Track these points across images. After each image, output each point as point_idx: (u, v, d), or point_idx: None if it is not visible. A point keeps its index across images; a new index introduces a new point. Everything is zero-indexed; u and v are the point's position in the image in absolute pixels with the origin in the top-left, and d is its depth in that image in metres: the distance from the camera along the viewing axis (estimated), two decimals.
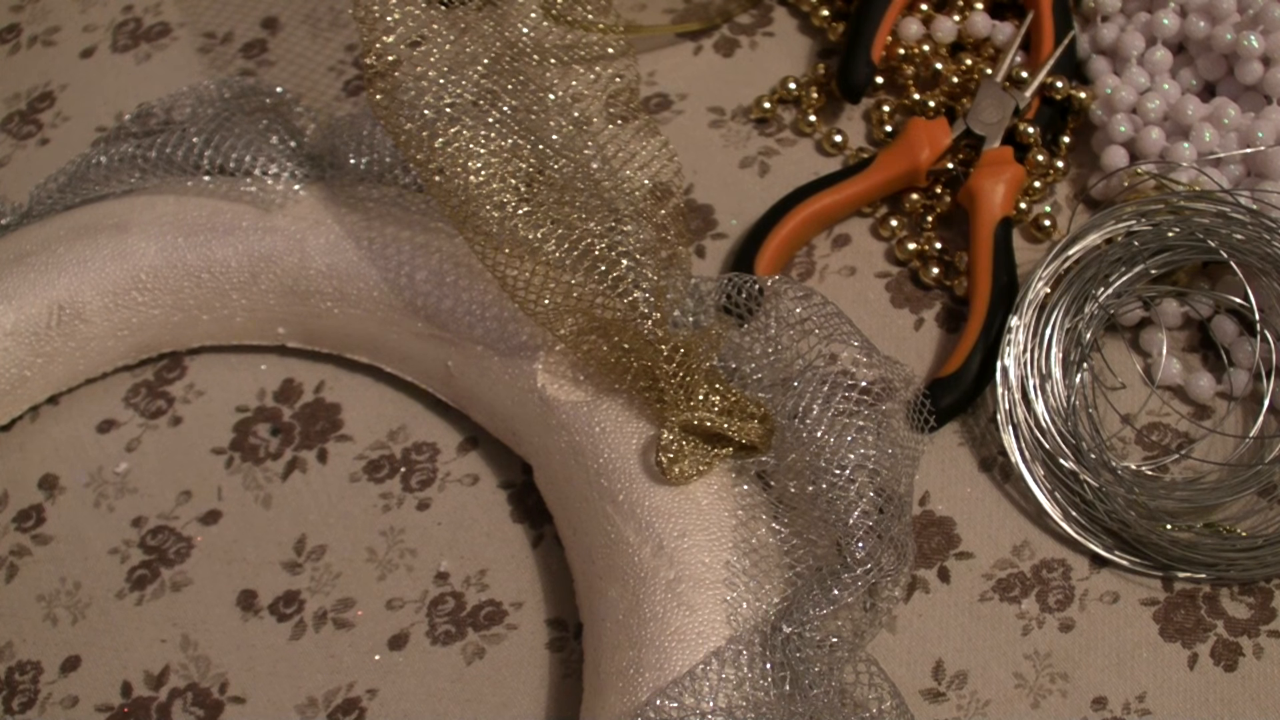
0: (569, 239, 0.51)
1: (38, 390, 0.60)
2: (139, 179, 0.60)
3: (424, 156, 0.52)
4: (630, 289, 0.51)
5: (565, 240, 0.51)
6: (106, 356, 0.60)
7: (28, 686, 0.55)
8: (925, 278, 0.60)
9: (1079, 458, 0.54)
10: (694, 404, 0.51)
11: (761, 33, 0.67)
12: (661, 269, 0.52)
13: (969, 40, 0.64)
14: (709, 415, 0.50)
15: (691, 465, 0.50)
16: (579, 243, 0.51)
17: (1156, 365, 0.56)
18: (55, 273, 0.58)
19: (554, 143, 0.54)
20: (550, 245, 0.51)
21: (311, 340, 0.60)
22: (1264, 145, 0.58)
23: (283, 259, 0.58)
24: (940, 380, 0.56)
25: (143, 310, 0.59)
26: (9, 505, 0.59)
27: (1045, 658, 0.52)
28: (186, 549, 0.57)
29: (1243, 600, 0.52)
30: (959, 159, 0.61)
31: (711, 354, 0.52)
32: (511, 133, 0.53)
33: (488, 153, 0.52)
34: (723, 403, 0.51)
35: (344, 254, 0.57)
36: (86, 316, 0.58)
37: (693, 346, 0.51)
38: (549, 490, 0.55)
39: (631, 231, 0.53)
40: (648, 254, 0.52)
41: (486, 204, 0.51)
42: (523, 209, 0.51)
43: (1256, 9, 0.59)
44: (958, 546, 0.54)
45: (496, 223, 0.51)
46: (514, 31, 0.56)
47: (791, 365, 0.52)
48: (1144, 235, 0.56)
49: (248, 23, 0.70)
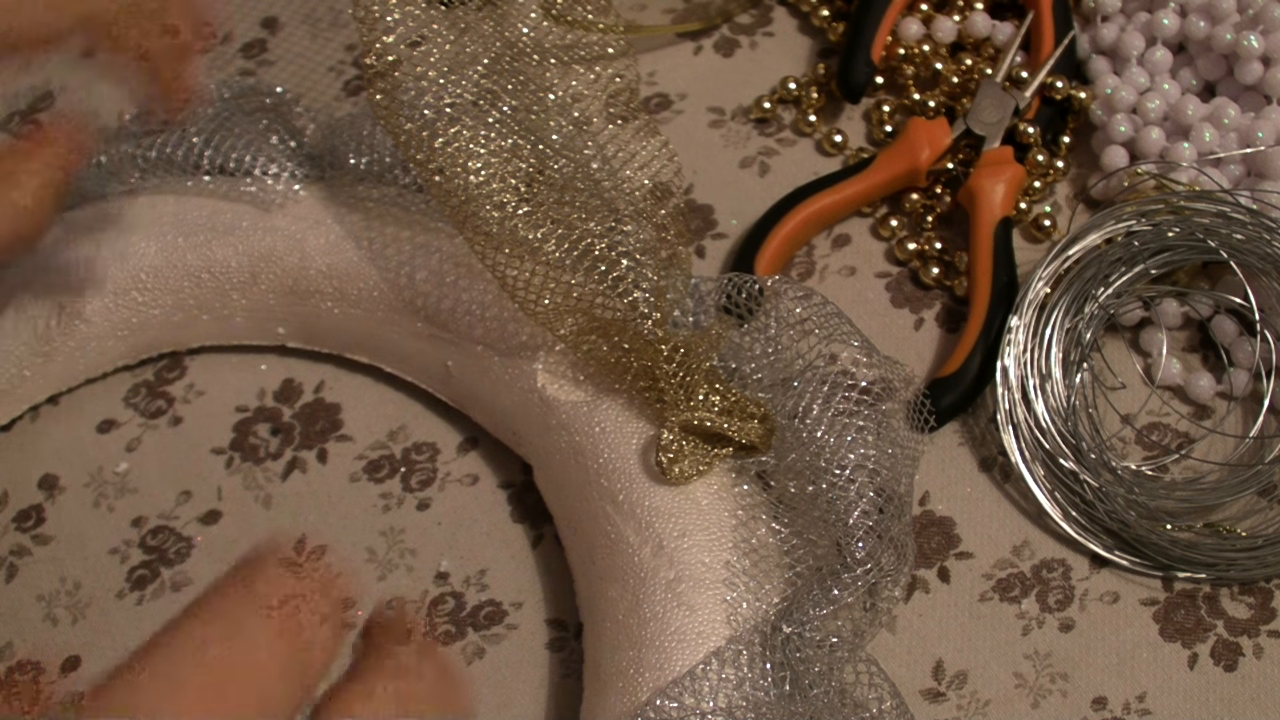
0: (569, 239, 0.51)
1: (37, 390, 0.60)
2: (139, 179, 0.60)
3: (424, 156, 0.52)
4: (630, 289, 0.51)
5: (565, 240, 0.51)
6: (106, 356, 0.60)
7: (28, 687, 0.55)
8: (925, 278, 0.60)
9: (1079, 458, 0.54)
10: (694, 404, 0.51)
11: (761, 33, 0.67)
12: (661, 269, 0.52)
13: (969, 40, 0.64)
14: (709, 415, 0.50)
15: (691, 465, 0.50)
16: (579, 243, 0.51)
17: (1156, 365, 0.56)
18: (55, 272, 0.58)
19: (554, 143, 0.54)
20: (550, 245, 0.51)
21: (311, 340, 0.60)
22: (1264, 145, 0.58)
23: (283, 259, 0.58)
24: (940, 380, 0.56)
25: (143, 310, 0.59)
26: (9, 505, 0.59)
27: (1045, 658, 0.52)
28: (186, 549, 0.57)
29: (1243, 600, 0.52)
30: (959, 159, 0.61)
31: (711, 354, 0.51)
32: (511, 133, 0.53)
33: (488, 153, 0.52)
34: (723, 403, 0.51)
35: (344, 254, 0.57)
36: (86, 316, 0.58)
37: (693, 346, 0.51)
38: (549, 490, 0.55)
39: (631, 231, 0.53)
40: (648, 254, 0.52)
41: (486, 204, 0.51)
42: (523, 209, 0.51)
43: (1256, 9, 0.59)
44: (958, 546, 0.54)
45: (496, 223, 0.51)
46: (514, 31, 0.56)
47: (791, 365, 0.52)
48: (1144, 235, 0.56)
49: (248, 23, 0.70)
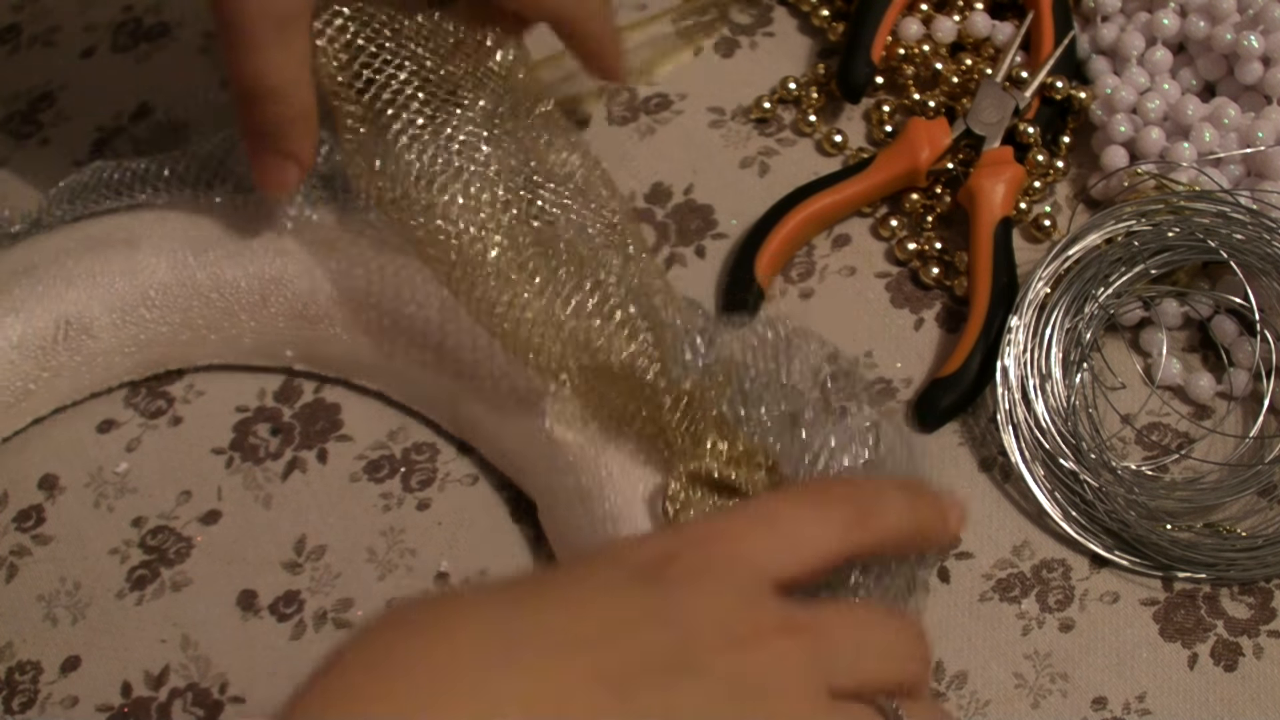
0: (563, 291, 0.51)
1: (41, 404, 0.59)
2: (150, 195, 0.59)
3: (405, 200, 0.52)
4: (627, 341, 0.50)
5: (560, 292, 0.51)
6: (112, 372, 0.59)
7: (28, 686, 0.55)
8: (925, 278, 0.60)
9: (1079, 458, 0.54)
10: (701, 451, 0.50)
11: (761, 33, 0.67)
12: (660, 314, 0.52)
13: (969, 40, 0.64)
14: (717, 464, 0.50)
15: (699, 515, 0.50)
16: (571, 296, 0.51)
17: (1156, 365, 0.56)
18: (64, 286, 0.58)
19: (545, 194, 0.53)
20: (544, 299, 0.50)
21: (318, 364, 0.59)
22: (1264, 145, 0.58)
23: (293, 283, 0.57)
24: (940, 380, 0.56)
25: (150, 327, 0.58)
26: (9, 505, 0.59)
27: (1045, 658, 0.52)
28: (186, 549, 0.57)
29: (1243, 600, 0.52)
30: (959, 159, 0.61)
31: (720, 401, 0.51)
32: (498, 182, 0.53)
33: (478, 204, 0.52)
34: (731, 451, 0.50)
35: (354, 280, 0.57)
36: (94, 332, 0.58)
37: (698, 394, 0.50)
38: (552, 530, 0.54)
39: (624, 279, 0.52)
40: (643, 300, 0.52)
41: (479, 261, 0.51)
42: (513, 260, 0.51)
43: (1256, 9, 0.59)
44: (958, 546, 0.54)
45: (488, 278, 0.51)
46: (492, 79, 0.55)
47: (802, 411, 0.51)
48: (1144, 235, 0.56)
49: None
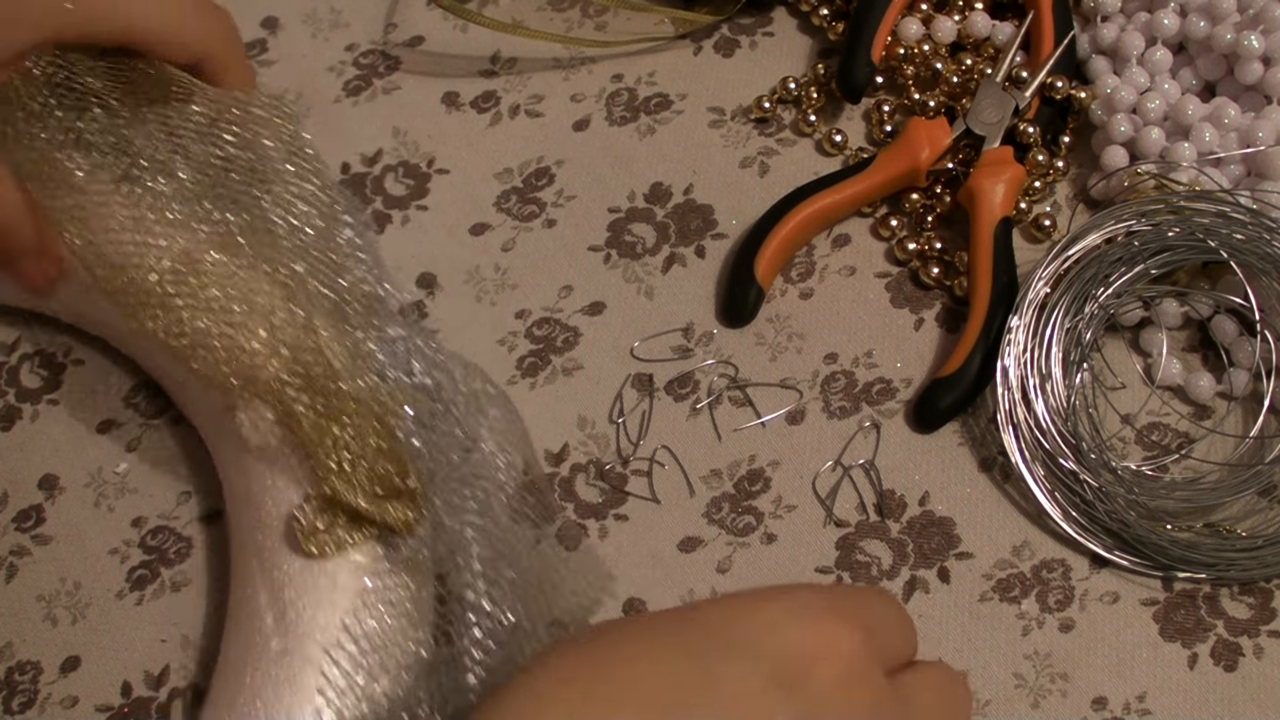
0: (248, 301, 0.50)
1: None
2: None
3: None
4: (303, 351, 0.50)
5: (248, 302, 0.50)
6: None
7: (28, 686, 0.55)
8: (925, 278, 0.60)
9: (1079, 458, 0.54)
10: (346, 475, 0.49)
11: (761, 33, 0.67)
12: (345, 331, 0.51)
13: (969, 40, 0.64)
14: (358, 492, 0.49)
15: (329, 540, 0.49)
16: (256, 307, 0.50)
17: (1156, 365, 0.56)
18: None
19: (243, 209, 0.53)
20: (235, 313, 0.50)
21: (74, 316, 0.60)
22: (1264, 145, 0.58)
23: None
24: (940, 380, 0.56)
25: None
26: (9, 505, 0.59)
27: (1045, 658, 0.52)
28: (186, 549, 0.57)
29: (1243, 600, 0.52)
30: (959, 159, 0.61)
31: (384, 434, 0.49)
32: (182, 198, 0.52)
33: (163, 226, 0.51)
34: (374, 482, 0.49)
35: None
36: None
37: (366, 415, 0.49)
38: (229, 531, 0.54)
39: (313, 292, 0.51)
40: (330, 312, 0.51)
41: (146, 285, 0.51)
42: (182, 276, 0.51)
43: (1256, 9, 0.59)
44: (958, 547, 0.54)
45: (160, 300, 0.51)
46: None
47: (480, 466, 0.50)
48: (1144, 235, 0.56)
49: (248, 23, 0.70)
